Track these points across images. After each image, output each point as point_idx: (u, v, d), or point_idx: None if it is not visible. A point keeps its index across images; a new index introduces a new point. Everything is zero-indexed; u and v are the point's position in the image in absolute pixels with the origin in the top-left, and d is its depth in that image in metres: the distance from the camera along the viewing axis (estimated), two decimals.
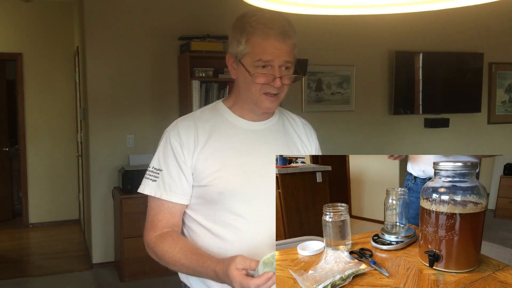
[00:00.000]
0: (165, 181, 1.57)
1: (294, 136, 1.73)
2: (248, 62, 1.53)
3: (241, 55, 1.54)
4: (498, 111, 6.57)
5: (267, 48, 1.50)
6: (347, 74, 5.85)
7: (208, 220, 1.58)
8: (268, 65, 1.51)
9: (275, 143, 1.65)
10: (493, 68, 6.46)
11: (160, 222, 1.59)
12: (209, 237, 1.57)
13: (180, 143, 1.57)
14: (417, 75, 6.07)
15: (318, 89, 5.76)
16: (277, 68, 1.52)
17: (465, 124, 6.42)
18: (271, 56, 1.51)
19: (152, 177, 1.60)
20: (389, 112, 6.07)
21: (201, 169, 1.55)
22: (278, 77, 1.52)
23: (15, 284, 4.97)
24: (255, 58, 1.51)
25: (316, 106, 5.76)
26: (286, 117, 1.77)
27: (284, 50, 1.52)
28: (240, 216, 1.55)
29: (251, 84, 1.54)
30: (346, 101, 5.89)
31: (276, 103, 1.60)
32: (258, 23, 1.51)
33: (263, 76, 1.52)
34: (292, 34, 1.54)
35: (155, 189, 1.58)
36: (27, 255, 6.13)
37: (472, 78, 6.31)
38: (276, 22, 1.51)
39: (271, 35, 1.50)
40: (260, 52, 1.50)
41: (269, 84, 1.53)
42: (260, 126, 1.65)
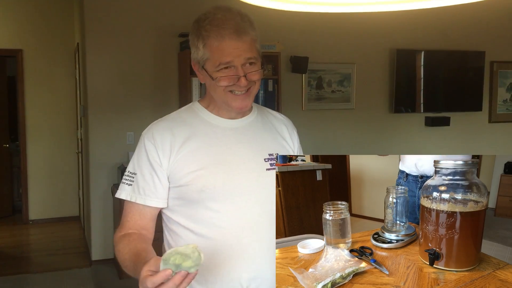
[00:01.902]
0: (139, 185, 1.56)
1: (274, 132, 1.70)
2: (210, 67, 1.50)
3: (202, 61, 1.52)
4: (499, 110, 6.56)
5: (224, 49, 1.46)
6: (347, 72, 5.84)
7: (189, 220, 1.56)
8: (230, 65, 1.48)
9: (254, 140, 1.63)
10: (495, 66, 6.45)
11: (128, 223, 1.58)
12: (191, 238, 1.55)
13: (155, 146, 1.55)
14: (418, 73, 6.06)
15: (319, 87, 5.75)
16: (240, 67, 1.48)
17: (466, 122, 6.41)
18: (230, 57, 1.47)
19: (127, 181, 1.59)
20: (390, 110, 6.06)
21: (179, 169, 1.53)
22: (242, 76, 1.48)
23: (14, 280, 4.97)
24: (216, 63, 1.48)
25: (316, 104, 5.75)
26: (265, 113, 1.74)
27: (243, 48, 1.47)
28: (222, 214, 1.53)
29: (215, 86, 1.51)
30: (346, 99, 5.88)
31: (248, 100, 1.56)
32: (212, 26, 1.47)
33: (226, 79, 1.49)
34: (248, 29, 1.48)
35: (130, 193, 1.57)
36: (27, 251, 6.13)
37: (473, 77, 6.30)
38: (228, 21, 1.47)
39: (226, 36, 1.46)
40: (218, 56, 1.47)
41: (235, 84, 1.50)
42: (238, 124, 1.62)
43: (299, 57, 5.47)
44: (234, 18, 1.48)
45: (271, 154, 1.62)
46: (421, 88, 6.06)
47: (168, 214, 1.61)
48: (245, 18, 1.50)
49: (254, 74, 1.51)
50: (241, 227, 1.53)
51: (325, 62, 5.74)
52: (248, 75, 1.49)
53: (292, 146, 1.74)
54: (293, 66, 5.53)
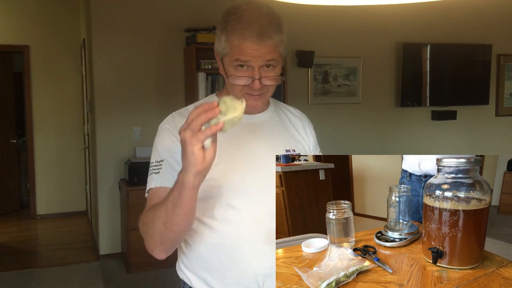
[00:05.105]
0: (167, 170, 1.51)
1: (290, 128, 1.70)
2: (228, 62, 1.49)
3: (221, 54, 1.51)
4: (506, 103, 6.53)
5: (243, 49, 1.44)
6: (353, 66, 5.83)
7: (205, 215, 1.54)
8: (247, 65, 1.47)
9: (271, 136, 1.62)
10: (502, 60, 6.42)
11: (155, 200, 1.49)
12: (207, 233, 1.54)
13: (176, 136, 1.50)
14: (425, 67, 6.04)
15: (325, 81, 5.74)
16: (257, 69, 1.47)
17: (472, 116, 6.38)
18: (248, 56, 1.45)
19: (155, 170, 1.54)
20: (396, 104, 6.05)
21: None
22: (257, 79, 1.47)
23: (22, 275, 5.01)
24: (233, 57, 1.46)
25: (322, 98, 5.75)
26: (282, 109, 1.74)
27: (263, 51, 1.45)
28: (239, 210, 1.52)
29: (232, 83, 1.50)
30: (352, 93, 5.87)
31: (261, 101, 1.55)
32: (237, 23, 1.45)
33: (241, 79, 1.48)
34: (272, 34, 1.45)
35: (160, 180, 1.52)
36: (35, 246, 6.17)
37: (480, 70, 6.27)
38: (254, 22, 1.44)
39: (247, 37, 1.43)
40: (237, 53, 1.46)
41: (249, 86, 1.49)
42: (255, 119, 1.62)
43: (305, 51, 5.46)
44: (260, 19, 1.45)
45: (288, 150, 1.62)
46: (427, 82, 6.04)
47: None
48: (273, 20, 1.47)
49: (270, 80, 1.49)
50: (258, 224, 1.53)
51: (331, 56, 5.73)
52: (263, 80, 1.48)
53: (308, 142, 1.73)
54: (299, 60, 5.52)
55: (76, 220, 7.09)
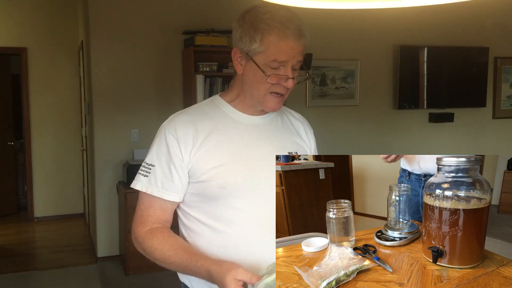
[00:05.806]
0: (157, 177, 1.54)
1: (293, 131, 1.71)
2: (261, 60, 1.48)
3: (253, 53, 1.48)
4: (503, 106, 6.54)
5: (282, 48, 1.45)
6: (351, 68, 5.84)
7: (208, 217, 1.54)
8: (282, 65, 1.47)
9: (274, 137, 1.63)
10: (499, 62, 6.43)
11: (150, 218, 1.56)
12: (210, 235, 1.54)
13: (177, 139, 1.52)
14: (422, 69, 6.05)
15: (323, 84, 5.75)
16: (290, 69, 1.48)
17: (470, 118, 6.40)
18: (286, 56, 1.46)
19: (144, 172, 1.57)
20: (394, 106, 6.06)
21: (201, 164, 1.51)
22: (291, 78, 1.48)
23: (20, 277, 4.99)
24: (270, 58, 1.46)
25: (320, 101, 5.75)
26: (284, 112, 1.75)
27: (298, 50, 1.47)
28: (242, 211, 1.52)
29: (260, 83, 1.50)
30: (350, 95, 5.88)
31: (281, 104, 1.57)
32: (274, 21, 1.45)
33: (277, 77, 1.48)
34: (306, 33, 1.49)
35: (146, 185, 1.55)
36: (32, 248, 6.15)
37: (477, 73, 6.29)
38: (292, 20, 1.46)
39: (289, 35, 1.44)
40: (275, 52, 1.45)
41: (279, 84, 1.50)
42: (259, 121, 1.62)
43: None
44: (295, 19, 1.48)
45: (290, 152, 1.64)
46: (424, 84, 6.05)
47: (186, 210, 1.59)
48: (303, 22, 1.50)
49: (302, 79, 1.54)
50: (261, 224, 1.52)
51: (329, 58, 5.74)
52: (296, 78, 1.50)
53: (309, 145, 1.75)
54: None
55: (74, 222, 7.07)
